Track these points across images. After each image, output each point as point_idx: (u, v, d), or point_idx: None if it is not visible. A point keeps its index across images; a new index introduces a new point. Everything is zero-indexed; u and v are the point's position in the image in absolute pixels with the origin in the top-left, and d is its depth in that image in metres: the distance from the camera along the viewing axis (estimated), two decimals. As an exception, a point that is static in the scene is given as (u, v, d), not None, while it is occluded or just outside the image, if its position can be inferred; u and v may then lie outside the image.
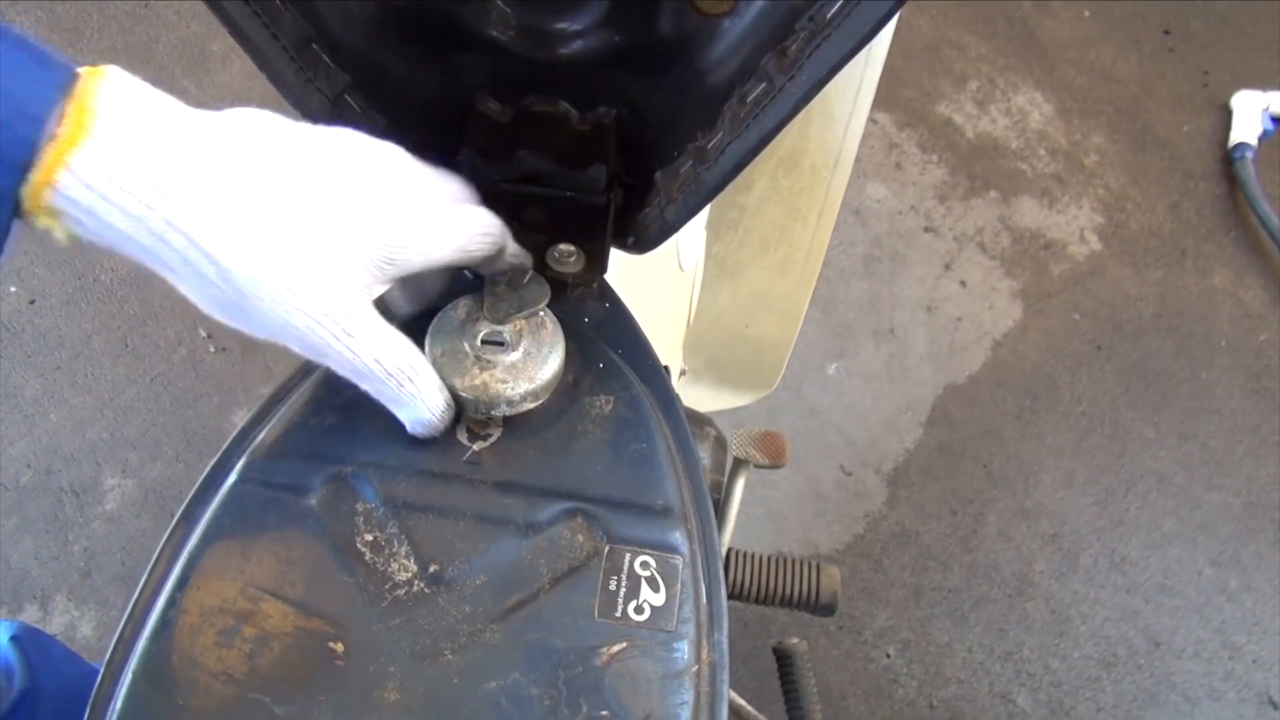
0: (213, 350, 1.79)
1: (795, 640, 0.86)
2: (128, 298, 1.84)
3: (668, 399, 0.57)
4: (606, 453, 0.53)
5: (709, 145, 0.53)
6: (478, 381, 0.52)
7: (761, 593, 0.74)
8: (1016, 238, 2.05)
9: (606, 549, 0.50)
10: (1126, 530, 1.73)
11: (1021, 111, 2.22)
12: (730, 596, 0.75)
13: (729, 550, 0.75)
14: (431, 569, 0.49)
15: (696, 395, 1.42)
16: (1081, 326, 1.95)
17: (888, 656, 1.60)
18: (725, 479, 0.79)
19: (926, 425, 1.82)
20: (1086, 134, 2.20)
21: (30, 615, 1.54)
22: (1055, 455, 1.79)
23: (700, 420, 0.79)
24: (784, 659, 0.85)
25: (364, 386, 0.49)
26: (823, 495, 1.73)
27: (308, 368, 0.55)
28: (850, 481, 1.75)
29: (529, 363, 0.53)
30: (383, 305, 0.49)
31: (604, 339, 0.58)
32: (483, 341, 0.54)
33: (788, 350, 1.37)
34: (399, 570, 0.49)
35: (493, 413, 0.53)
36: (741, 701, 0.98)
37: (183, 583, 0.48)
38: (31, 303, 1.82)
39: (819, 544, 1.69)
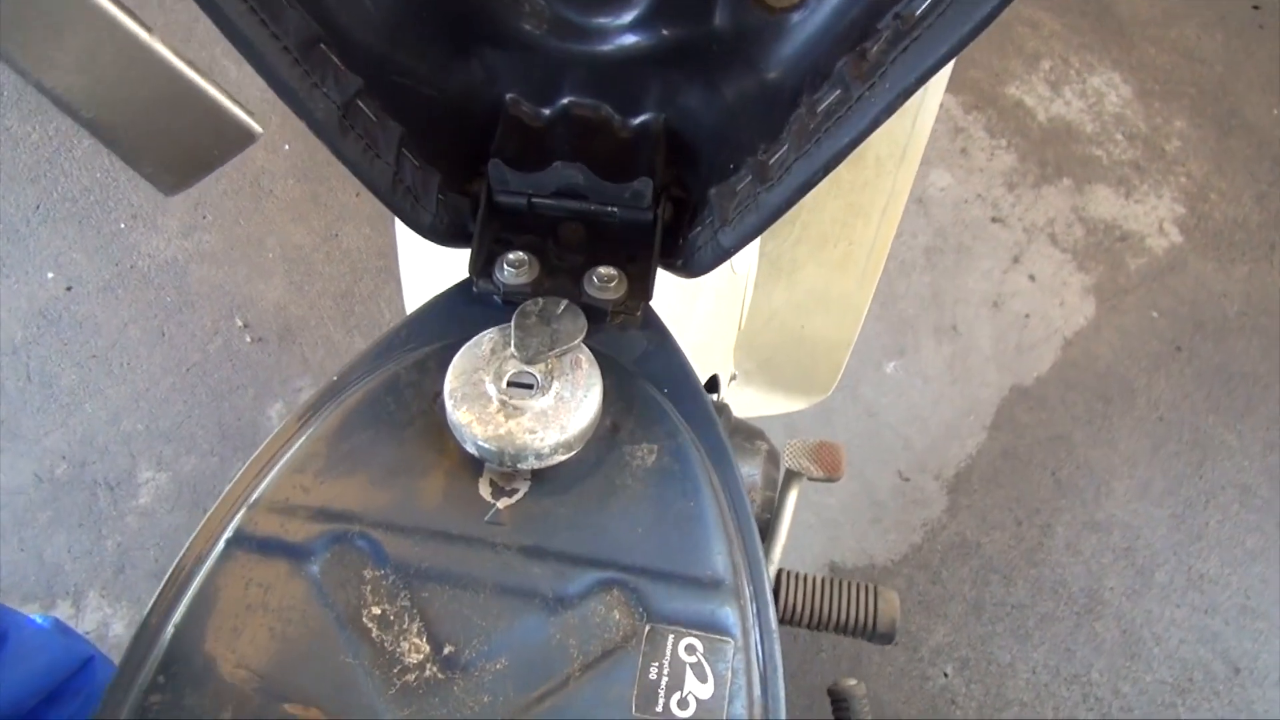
0: (249, 340, 1.76)
1: (853, 682, 0.80)
2: (164, 285, 1.82)
3: (719, 447, 0.50)
4: (648, 513, 0.47)
5: (771, 160, 0.46)
6: (503, 431, 0.46)
7: (814, 618, 0.70)
8: (1090, 229, 1.98)
9: (646, 629, 0.44)
10: (1206, 546, 1.66)
11: (1097, 93, 2.14)
12: (781, 621, 0.69)
13: (779, 571, 0.70)
14: (446, 650, 0.43)
15: (747, 399, 1.36)
16: (1159, 325, 1.88)
17: (945, 675, 1.55)
18: (776, 494, 0.73)
19: (990, 429, 1.76)
20: (1167, 118, 2.11)
21: (62, 612, 1.53)
22: (1129, 464, 1.73)
23: (752, 434, 0.74)
24: (839, 702, 0.79)
25: None
26: (879, 502, 1.68)
27: (311, 412, 0.49)
28: (908, 488, 1.70)
29: (561, 409, 0.47)
30: None
31: (647, 376, 0.52)
32: (509, 383, 0.48)
33: (846, 352, 1.31)
34: (410, 651, 0.43)
35: (519, 466, 0.47)
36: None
37: (166, 663, 0.42)
38: (68, 289, 1.80)
39: (874, 554, 1.64)
